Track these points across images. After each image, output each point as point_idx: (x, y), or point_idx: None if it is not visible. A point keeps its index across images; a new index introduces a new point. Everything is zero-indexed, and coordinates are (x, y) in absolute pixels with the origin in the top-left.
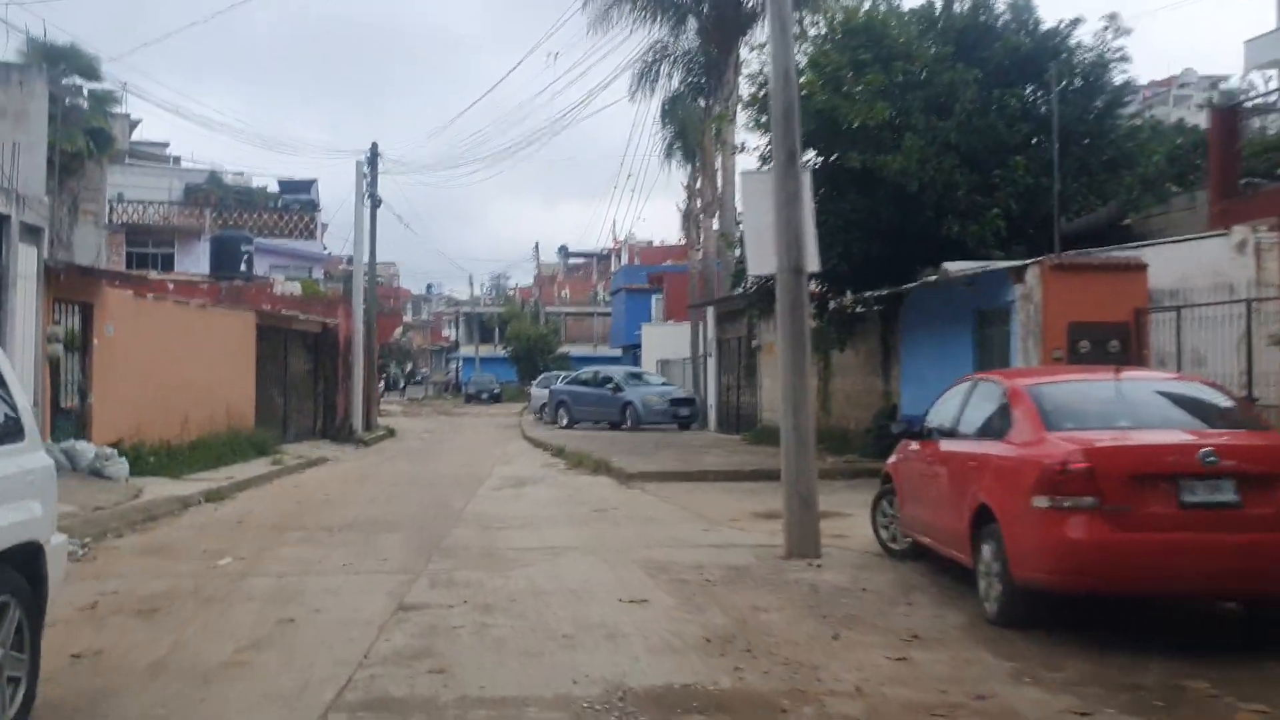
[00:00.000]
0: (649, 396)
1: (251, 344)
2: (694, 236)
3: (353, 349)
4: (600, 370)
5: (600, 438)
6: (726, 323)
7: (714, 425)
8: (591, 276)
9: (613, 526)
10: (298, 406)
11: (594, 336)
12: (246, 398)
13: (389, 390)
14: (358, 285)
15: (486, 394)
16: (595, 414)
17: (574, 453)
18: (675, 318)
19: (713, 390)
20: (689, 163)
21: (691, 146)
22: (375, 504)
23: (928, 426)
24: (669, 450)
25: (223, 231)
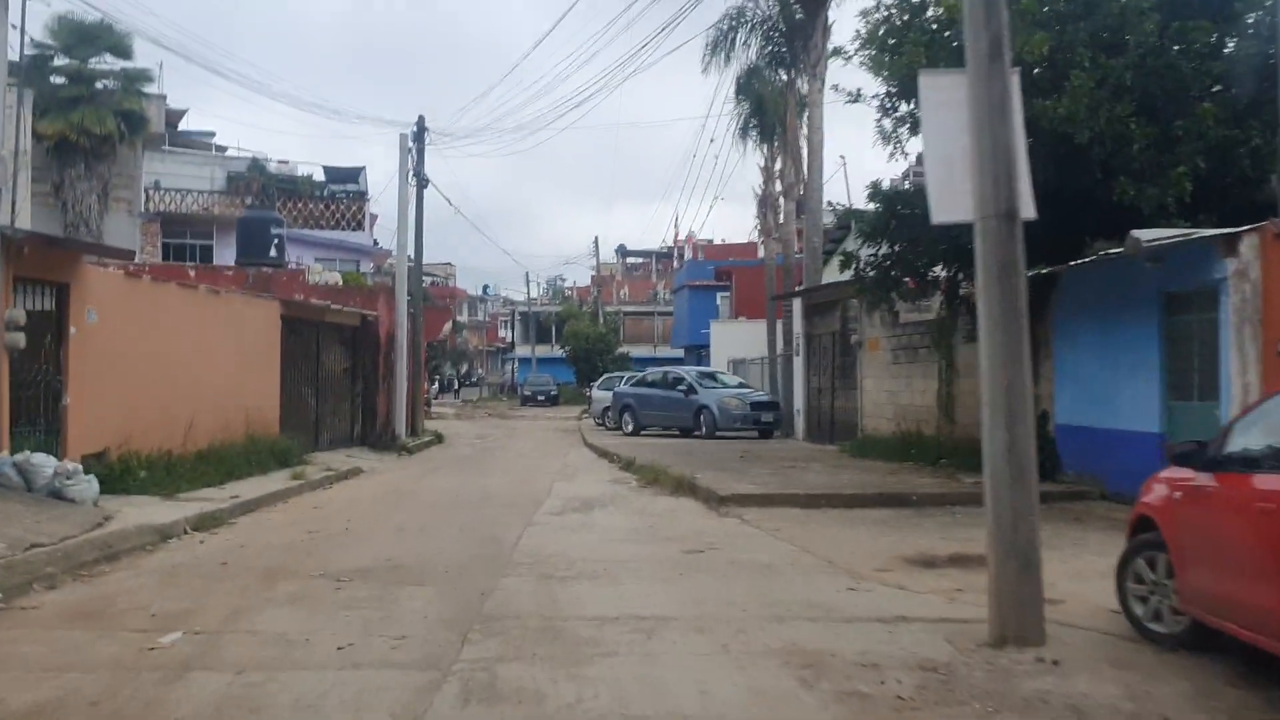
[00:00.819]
0: (726, 400)
1: (276, 337)
2: (771, 222)
3: (395, 345)
4: (670, 370)
5: (673, 447)
6: (817, 316)
7: (801, 433)
8: (650, 276)
9: (719, 579)
10: (332, 409)
11: (653, 337)
12: (269, 399)
13: (443, 392)
14: (401, 274)
15: (543, 396)
16: (664, 419)
17: (647, 466)
18: (746, 314)
19: (800, 393)
20: (766, 142)
21: (770, 123)
22: (405, 536)
23: (1235, 452)
24: (759, 464)
25: (249, 212)
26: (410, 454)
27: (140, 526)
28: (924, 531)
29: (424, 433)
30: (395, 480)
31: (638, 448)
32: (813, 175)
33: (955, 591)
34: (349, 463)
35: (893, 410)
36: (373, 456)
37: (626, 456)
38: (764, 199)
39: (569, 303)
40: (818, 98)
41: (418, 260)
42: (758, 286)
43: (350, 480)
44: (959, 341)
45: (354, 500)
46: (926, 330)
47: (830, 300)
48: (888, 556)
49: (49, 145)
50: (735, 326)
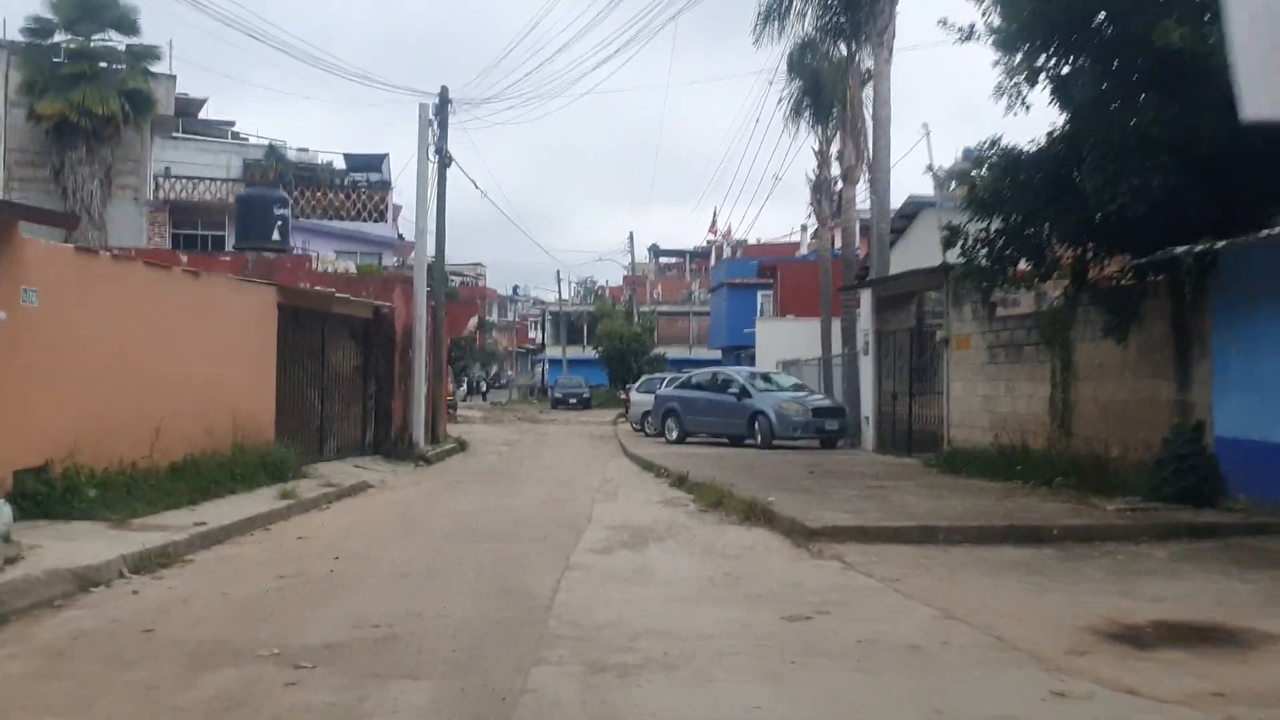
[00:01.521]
0: (785, 404)
1: (271, 329)
2: (827, 210)
3: (413, 341)
4: (719, 370)
5: (727, 458)
6: (889, 310)
7: (871, 443)
8: (685, 276)
9: (852, 674)
10: (341, 413)
11: (688, 338)
12: (262, 401)
13: (471, 394)
14: (420, 260)
15: (575, 398)
16: (713, 425)
17: (704, 484)
18: (794, 312)
19: (869, 397)
20: (820, 123)
21: (826, 102)
22: (405, 584)
23: None
24: (838, 483)
25: (249, 189)
26: (429, 464)
27: (53, 571)
28: (1094, 584)
29: (446, 439)
30: (407, 498)
31: (686, 459)
32: (879, 155)
33: (1215, 699)
34: (356, 475)
35: (988, 419)
36: (385, 467)
37: (676, 470)
38: (818, 185)
39: (602, 301)
40: (885, 69)
41: (439, 247)
42: (805, 283)
43: (354, 498)
44: (1080, 337)
45: (351, 527)
46: (1035, 324)
47: (904, 292)
48: (1072, 627)
49: (48, 127)
50: (783, 325)
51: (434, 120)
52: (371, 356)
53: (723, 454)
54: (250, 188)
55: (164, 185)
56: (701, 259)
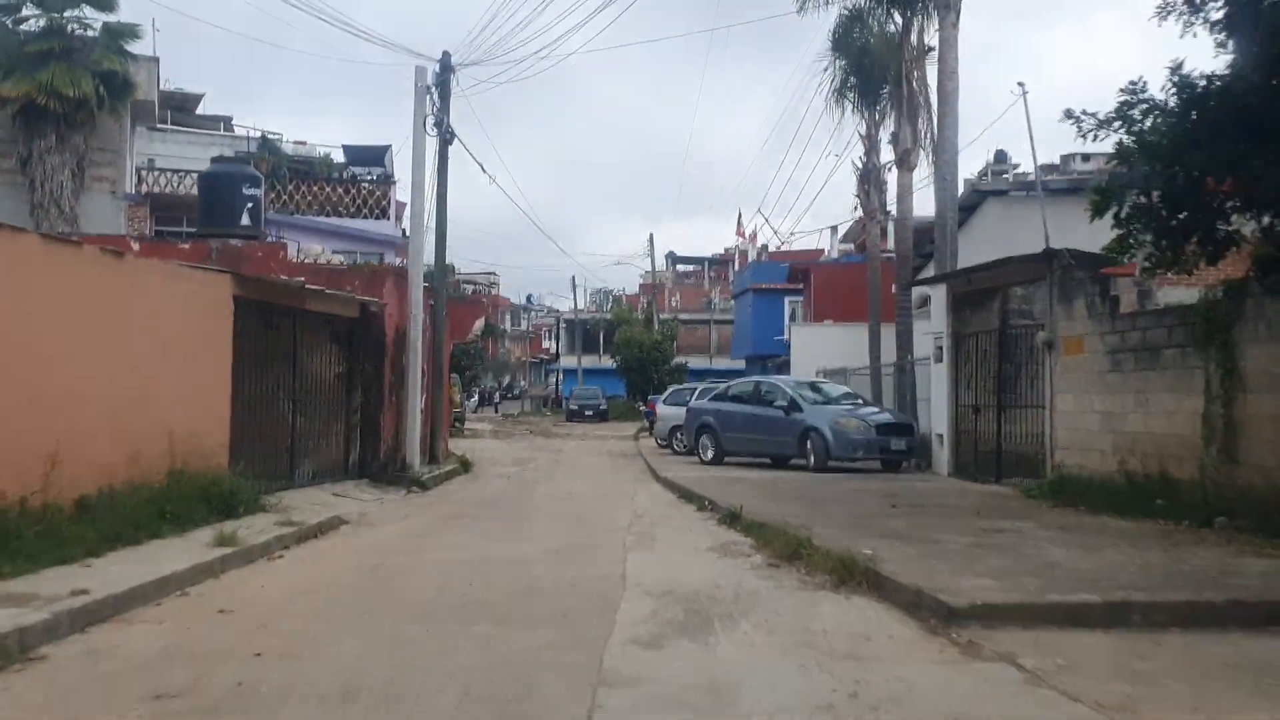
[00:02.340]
0: (843, 420)
1: (224, 328)
2: (876, 201)
3: (408, 344)
4: (762, 380)
5: (781, 485)
6: (968, 310)
7: (946, 466)
8: (703, 284)
9: None
10: (319, 429)
11: (708, 347)
12: (210, 417)
13: (482, 406)
14: (416, 251)
15: (591, 410)
16: (756, 444)
17: (766, 525)
18: (828, 318)
19: (944, 412)
20: (868, 105)
21: (876, 79)
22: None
23: None
24: (939, 523)
25: (214, 165)
26: (423, 490)
27: None
28: None
29: (447, 459)
30: (386, 542)
31: (730, 486)
32: (944, 134)
33: None
34: (330, 508)
35: (1110, 440)
36: (370, 495)
37: (724, 502)
38: (866, 174)
39: (619, 306)
40: (951, 34)
41: (440, 237)
42: (841, 286)
43: (320, 541)
44: (1249, 337)
45: (299, 592)
46: (1179, 321)
47: (987, 287)
48: None
49: (14, 111)
50: (820, 332)
51: (433, 89)
52: (357, 362)
53: (772, 479)
54: (216, 162)
55: (146, 178)
56: (720, 266)
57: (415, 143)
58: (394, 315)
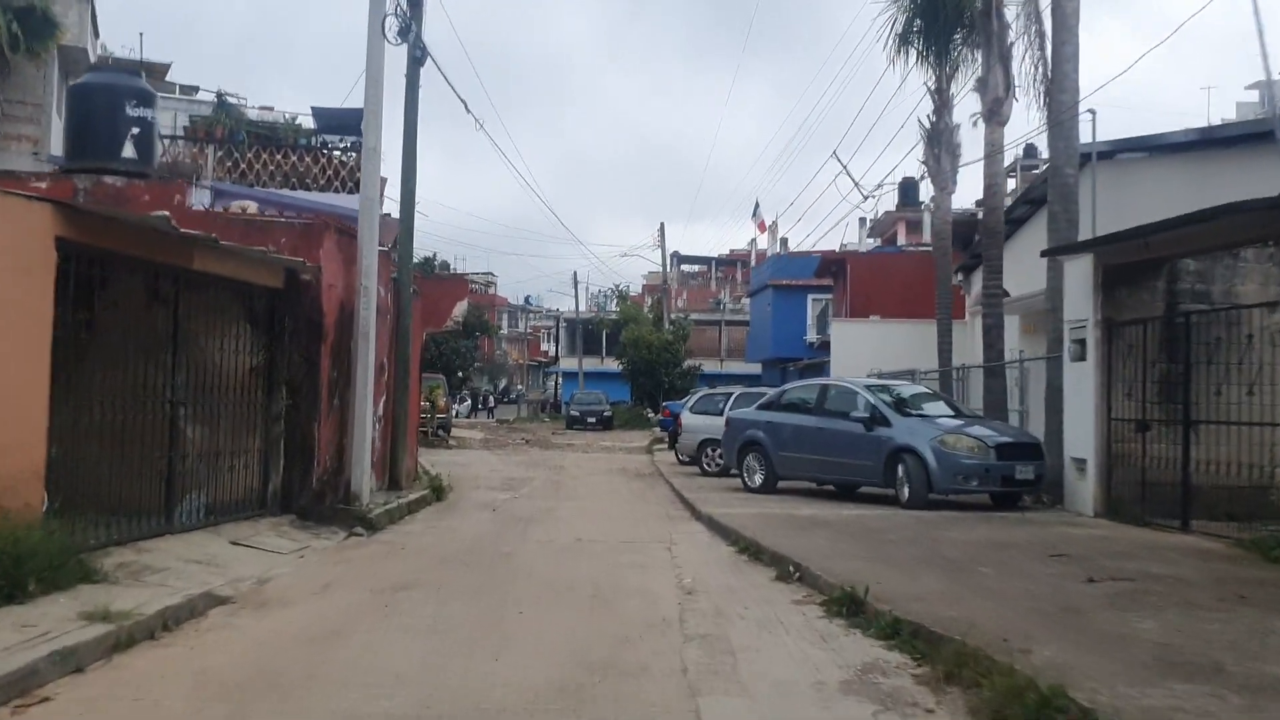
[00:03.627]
0: (951, 439)
1: (39, 289)
2: (949, 167)
3: (355, 328)
4: (832, 383)
5: (881, 531)
6: (1122, 290)
7: (1093, 502)
8: (710, 284)
9: None
10: (220, 445)
11: (718, 349)
12: (9, 428)
13: (476, 411)
14: (369, 200)
15: (594, 417)
16: (822, 467)
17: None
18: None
19: (1087, 427)
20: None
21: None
22: None
23: None
24: (1178, 613)
25: (89, 75)
26: (371, 532)
27: None
28: None
29: (415, 481)
30: (264, 653)
31: (808, 532)
32: (1062, 66)
33: None
34: (212, 571)
35: None
36: (289, 543)
37: (823, 568)
38: (934, 134)
39: (626, 304)
40: None
41: (407, 189)
42: (884, 278)
43: (144, 654)
44: None
45: None
46: None
47: (1150, 259)
48: None
49: None
50: (867, 329)
51: None
52: (281, 351)
53: (858, 520)
54: (90, 72)
55: None
56: (728, 266)
57: (370, 52)
58: (336, 288)
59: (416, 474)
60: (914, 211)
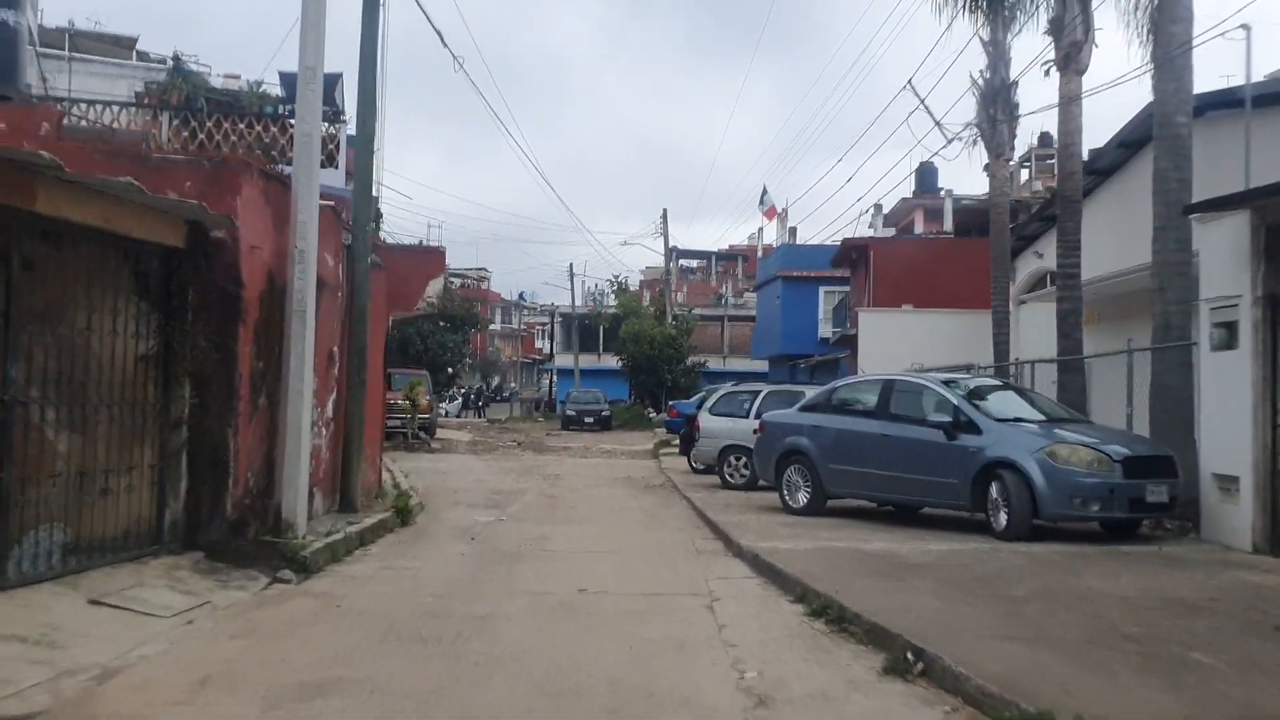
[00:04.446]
0: (1062, 450)
1: None
2: (1007, 132)
3: (289, 305)
4: (899, 379)
5: (996, 578)
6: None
7: (1252, 533)
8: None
9: None
10: (99, 461)
11: (720, 346)
12: None
13: (466, 409)
14: (306, 137)
15: (592, 417)
16: (888, 484)
17: None
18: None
19: (1243, 434)
20: None
21: None
22: None
23: None
24: None
25: None
26: (304, 575)
27: None
28: None
29: (375, 499)
30: None
31: (900, 580)
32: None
33: None
34: (27, 663)
35: None
36: (182, 598)
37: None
38: (991, 93)
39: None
40: None
41: (364, 125)
42: (913, 266)
43: None
44: None
45: None
46: None
47: None
48: None
49: None
50: (901, 320)
51: None
52: (182, 333)
53: (953, 556)
54: None
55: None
56: (729, 261)
57: None
58: (262, 251)
59: (380, 489)
60: (932, 199)
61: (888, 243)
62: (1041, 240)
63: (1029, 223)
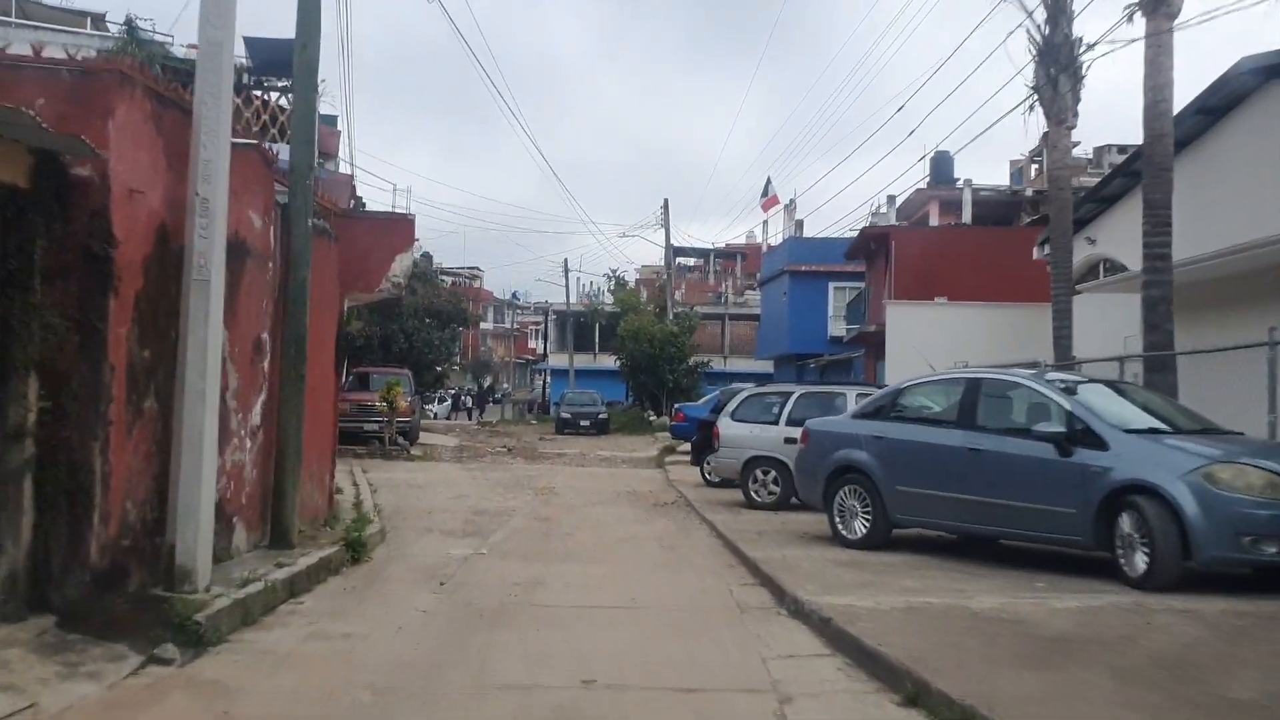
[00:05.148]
0: (1226, 476)
1: None
2: (1070, 96)
3: (188, 273)
4: (989, 375)
5: (1206, 662)
6: None
7: None
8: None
9: None
10: None
11: (721, 346)
12: None
13: (456, 412)
14: (213, 51)
15: (588, 420)
16: (979, 513)
17: None
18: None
19: None
20: None
21: None
22: None
23: None
24: None
25: None
26: (193, 652)
27: None
28: None
29: (322, 526)
30: None
31: (1052, 667)
32: None
33: None
34: None
35: None
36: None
37: None
38: (1050, 50)
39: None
40: None
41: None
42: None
43: None
44: None
45: None
46: None
47: None
48: None
49: None
50: (934, 313)
51: None
52: (22, 308)
53: (1095, 617)
54: None
55: None
56: (728, 259)
57: None
58: (148, 198)
59: (331, 512)
60: (948, 190)
61: (911, 232)
62: (1093, 224)
63: (1079, 204)
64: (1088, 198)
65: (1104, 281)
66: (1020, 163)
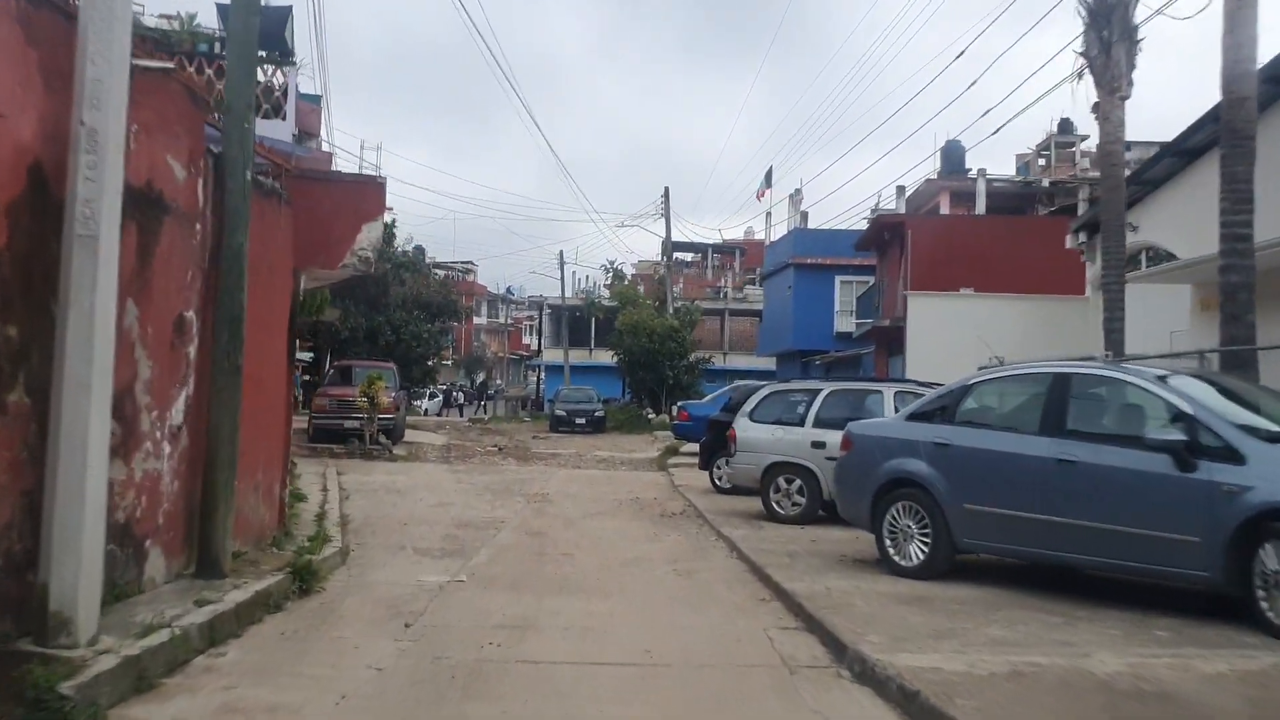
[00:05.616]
0: None
1: None
2: (1125, 61)
3: (66, 226)
4: (1082, 371)
5: None
6: None
7: None
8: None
9: None
10: None
11: (720, 342)
12: None
13: (447, 407)
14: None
15: (583, 418)
16: (1069, 539)
17: None
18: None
19: None
20: None
21: None
22: None
23: None
24: None
25: None
26: None
27: None
28: None
29: (267, 546)
30: None
31: None
32: None
33: None
34: None
35: None
36: None
37: None
38: (1100, 10)
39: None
40: None
41: None
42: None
43: None
44: None
45: None
46: None
47: None
48: None
49: None
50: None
51: None
52: None
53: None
54: None
55: None
56: (726, 254)
57: None
58: (14, 127)
59: (282, 528)
60: (960, 180)
61: (928, 220)
62: (1137, 209)
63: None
64: (1129, 181)
65: (1165, 268)
66: (1027, 156)
